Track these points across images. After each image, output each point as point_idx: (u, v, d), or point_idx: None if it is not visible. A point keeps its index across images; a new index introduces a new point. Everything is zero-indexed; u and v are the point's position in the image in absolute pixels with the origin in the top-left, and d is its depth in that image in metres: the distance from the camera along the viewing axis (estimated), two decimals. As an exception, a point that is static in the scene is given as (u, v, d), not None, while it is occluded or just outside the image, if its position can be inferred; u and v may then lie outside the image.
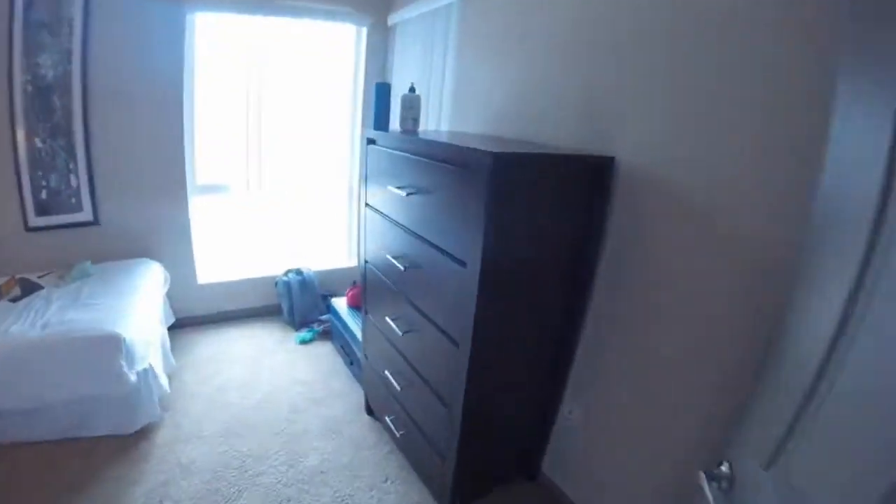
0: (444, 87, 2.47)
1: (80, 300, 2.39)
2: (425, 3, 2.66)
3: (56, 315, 2.25)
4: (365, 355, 2.41)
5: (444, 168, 1.55)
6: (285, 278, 3.22)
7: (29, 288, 2.54)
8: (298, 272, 3.27)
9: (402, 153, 1.80)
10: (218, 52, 3.01)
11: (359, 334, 2.67)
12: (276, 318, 3.38)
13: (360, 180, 3.44)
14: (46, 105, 2.63)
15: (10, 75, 2.52)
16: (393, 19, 3.11)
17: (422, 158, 1.67)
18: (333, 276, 3.54)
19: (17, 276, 2.62)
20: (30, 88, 2.58)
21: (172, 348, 2.78)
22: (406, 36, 3.01)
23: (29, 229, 2.74)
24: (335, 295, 3.28)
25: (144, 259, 2.92)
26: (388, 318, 1.94)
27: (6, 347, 2.08)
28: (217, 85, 3.05)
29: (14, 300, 2.46)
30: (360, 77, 3.35)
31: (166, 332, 2.75)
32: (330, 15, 3.12)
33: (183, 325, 3.14)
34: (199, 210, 3.15)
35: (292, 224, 3.59)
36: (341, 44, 3.32)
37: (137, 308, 2.38)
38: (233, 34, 3.03)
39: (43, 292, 2.50)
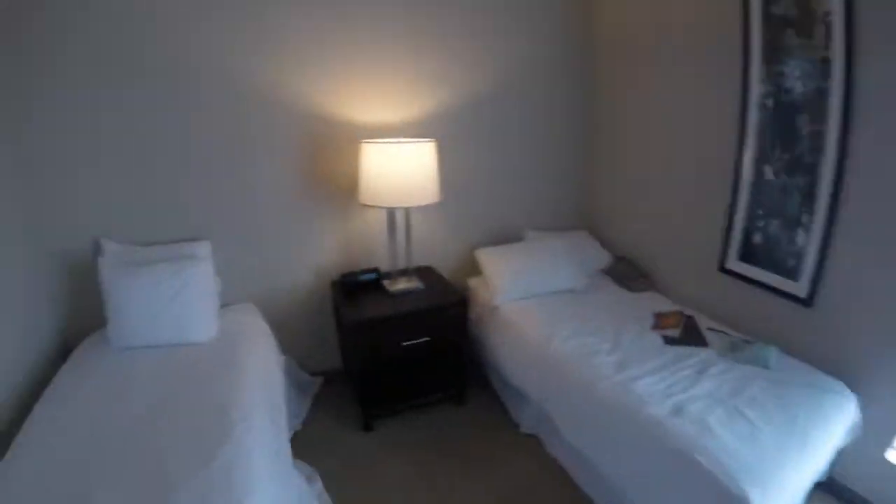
0: None
1: (738, 397, 1.59)
2: None
3: (696, 402, 1.57)
4: None
5: None
6: None
7: (692, 337, 2.02)
8: None
9: None
10: None
11: None
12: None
13: None
14: (787, 128, 1.84)
15: (746, 84, 1.92)
16: None
17: None
18: None
19: (689, 315, 2.28)
20: (770, 103, 1.89)
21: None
22: None
23: (722, 270, 2.36)
24: None
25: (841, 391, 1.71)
26: None
27: (625, 409, 1.65)
28: None
29: (669, 341, 2.04)
30: None
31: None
32: None
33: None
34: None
35: None
36: None
37: (801, 465, 1.44)
38: None
39: (703, 354, 1.90)
